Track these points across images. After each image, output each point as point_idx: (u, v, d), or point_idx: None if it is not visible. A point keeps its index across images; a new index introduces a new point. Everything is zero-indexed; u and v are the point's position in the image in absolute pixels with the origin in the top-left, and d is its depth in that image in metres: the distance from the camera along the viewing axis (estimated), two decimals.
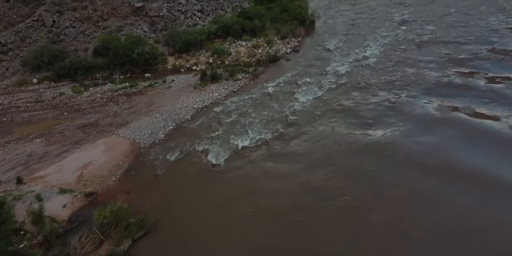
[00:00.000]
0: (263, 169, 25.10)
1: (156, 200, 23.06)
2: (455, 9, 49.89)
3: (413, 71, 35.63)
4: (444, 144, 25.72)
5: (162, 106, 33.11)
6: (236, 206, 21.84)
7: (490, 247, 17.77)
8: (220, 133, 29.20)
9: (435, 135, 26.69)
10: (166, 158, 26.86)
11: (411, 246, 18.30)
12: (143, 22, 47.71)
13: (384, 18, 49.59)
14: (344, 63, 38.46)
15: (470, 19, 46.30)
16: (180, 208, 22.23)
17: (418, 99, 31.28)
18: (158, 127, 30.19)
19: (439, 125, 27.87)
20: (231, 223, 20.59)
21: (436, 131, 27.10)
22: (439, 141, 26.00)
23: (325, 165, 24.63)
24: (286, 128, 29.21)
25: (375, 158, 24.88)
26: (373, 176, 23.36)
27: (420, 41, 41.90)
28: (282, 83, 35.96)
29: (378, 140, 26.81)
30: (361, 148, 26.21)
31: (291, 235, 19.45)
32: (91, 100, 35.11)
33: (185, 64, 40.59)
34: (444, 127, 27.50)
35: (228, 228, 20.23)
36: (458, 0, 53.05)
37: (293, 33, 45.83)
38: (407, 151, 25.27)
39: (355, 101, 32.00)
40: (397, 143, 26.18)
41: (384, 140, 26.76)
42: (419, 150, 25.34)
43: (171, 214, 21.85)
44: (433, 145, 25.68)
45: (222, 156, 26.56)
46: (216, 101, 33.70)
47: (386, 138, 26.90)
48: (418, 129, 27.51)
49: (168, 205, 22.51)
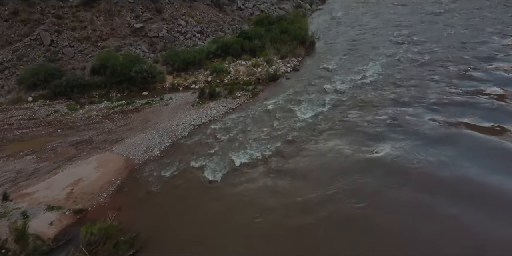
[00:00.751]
0: (261, 186, 23.97)
1: (148, 218, 21.82)
2: (457, 29, 49.75)
3: (416, 89, 34.97)
4: (450, 160, 24.67)
5: (158, 123, 32.24)
6: (233, 224, 20.63)
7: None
8: (218, 149, 28.20)
9: (441, 152, 25.65)
10: (160, 174, 25.75)
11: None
12: (142, 43, 47.58)
13: (385, 39, 49.44)
14: (345, 82, 37.87)
15: (473, 37, 46.03)
16: (173, 225, 20.98)
17: (423, 115, 30.43)
18: (153, 144, 29.21)
19: (444, 141, 26.88)
20: (227, 241, 19.31)
21: (442, 148, 26.09)
22: (445, 158, 24.95)
23: (325, 183, 23.51)
24: (285, 145, 28.22)
25: (378, 176, 23.79)
26: (375, 194, 22.20)
27: (422, 60, 41.45)
28: (282, 100, 35.25)
29: (381, 158, 25.75)
30: (363, 165, 25.12)
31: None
32: (86, 117, 34.27)
33: (184, 83, 40.02)
34: (450, 143, 26.51)
35: (224, 246, 18.94)
36: (460, 20, 53.10)
37: (293, 53, 45.55)
38: (412, 168, 24.18)
39: (357, 118, 31.15)
40: (401, 160, 25.12)
41: (387, 157, 25.70)
42: (424, 166, 24.27)
43: (164, 232, 20.57)
44: (439, 161, 24.64)
45: (219, 173, 25.47)
46: (214, 118, 32.86)
47: (390, 155, 25.85)
48: (423, 146, 26.50)
49: (161, 223, 21.25)
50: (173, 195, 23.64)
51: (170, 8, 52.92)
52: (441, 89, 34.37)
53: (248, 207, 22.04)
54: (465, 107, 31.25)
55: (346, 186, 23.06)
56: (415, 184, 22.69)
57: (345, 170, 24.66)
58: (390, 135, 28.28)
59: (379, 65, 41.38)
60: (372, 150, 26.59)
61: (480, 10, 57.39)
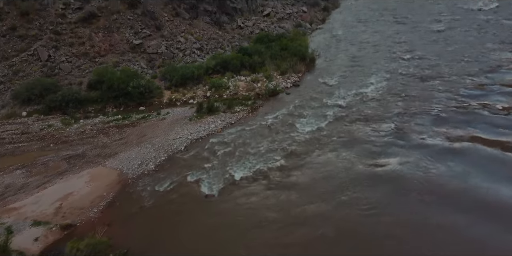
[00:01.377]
0: (261, 200, 22.78)
1: (140, 233, 20.57)
2: (458, 44, 49.21)
3: (420, 102, 34.04)
4: (457, 174, 23.56)
5: (154, 137, 31.21)
6: (229, 240, 19.36)
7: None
8: (215, 163, 27.08)
9: (447, 165, 24.54)
10: (154, 189, 24.56)
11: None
12: (141, 59, 47.06)
13: (385, 55, 48.89)
14: (346, 96, 37.00)
15: (475, 52, 45.39)
16: (166, 242, 19.70)
17: (427, 128, 29.41)
18: (148, 158, 28.10)
19: (450, 154, 25.78)
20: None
21: (448, 161, 24.99)
22: (452, 171, 23.84)
23: (328, 198, 22.36)
24: (286, 159, 27.13)
25: (382, 190, 22.66)
26: (380, 209, 21.02)
27: (424, 74, 40.70)
28: (282, 115, 34.30)
29: (385, 171, 24.63)
30: (366, 179, 23.98)
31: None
32: (80, 131, 33.28)
33: (182, 98, 39.20)
34: (456, 157, 25.40)
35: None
36: (461, 36, 52.66)
37: (293, 69, 44.89)
38: (417, 183, 23.03)
39: (360, 131, 30.12)
40: (406, 174, 23.98)
41: (391, 170, 24.59)
42: (430, 180, 23.11)
43: (155, 248, 19.29)
44: (446, 175, 23.52)
45: (216, 187, 24.31)
46: (212, 133, 31.84)
47: (394, 168, 24.74)
48: (429, 159, 25.39)
49: (153, 239, 19.97)
50: (167, 210, 22.41)
51: (170, 25, 52.69)
52: (445, 102, 33.45)
53: (246, 223, 20.82)
54: (470, 119, 30.23)
55: (349, 201, 21.91)
56: (423, 199, 21.52)
57: (349, 184, 23.51)
58: (395, 148, 27.20)
59: (381, 79, 40.61)
60: (376, 163, 25.49)
61: (481, 27, 57.07)
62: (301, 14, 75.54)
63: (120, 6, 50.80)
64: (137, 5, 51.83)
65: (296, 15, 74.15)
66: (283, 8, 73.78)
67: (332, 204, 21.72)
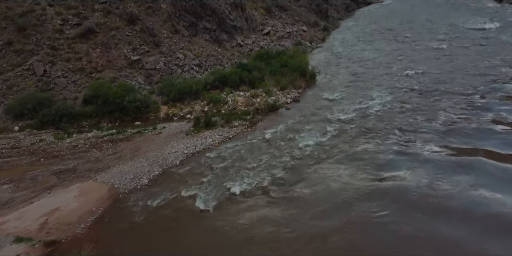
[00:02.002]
0: (259, 216, 21.43)
1: (130, 250, 19.18)
2: (460, 62, 48.41)
3: (424, 116, 32.98)
4: (465, 188, 22.31)
5: (149, 151, 30.03)
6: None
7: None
8: (212, 178, 25.82)
9: (454, 179, 23.28)
10: (146, 204, 23.23)
11: None
12: (138, 74, 46.34)
13: (387, 71, 48.14)
14: (348, 112, 35.95)
15: (478, 69, 44.57)
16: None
17: (432, 143, 28.22)
18: (141, 172, 26.84)
19: (458, 168, 24.55)
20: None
21: (455, 175, 23.75)
22: (460, 186, 22.58)
23: (330, 214, 21.06)
24: (285, 173, 25.90)
25: (387, 206, 21.38)
26: (386, 225, 19.71)
27: (427, 89, 39.77)
28: (282, 130, 33.21)
29: (389, 186, 23.37)
30: (370, 195, 22.69)
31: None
32: (72, 146, 32.13)
33: (179, 113, 38.20)
34: (463, 171, 24.16)
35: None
36: (463, 53, 52.01)
37: (293, 85, 44.06)
38: (425, 198, 21.75)
39: (363, 146, 28.95)
40: (412, 189, 22.70)
41: (396, 186, 23.33)
42: (438, 195, 21.84)
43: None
44: (454, 190, 22.26)
45: (212, 202, 23.00)
46: (209, 147, 30.68)
47: (399, 183, 23.48)
48: (435, 174, 24.14)
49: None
50: (159, 226, 21.05)
51: (169, 42, 52.26)
52: (449, 117, 32.39)
53: (242, 239, 19.47)
54: (476, 133, 29.12)
55: (351, 217, 20.58)
56: (430, 214, 20.21)
57: (351, 199, 22.25)
58: (399, 163, 25.98)
59: (383, 94, 39.68)
60: (381, 178, 24.25)
61: (483, 46, 56.58)
62: (301, 33, 75.50)
63: (119, 23, 50.47)
64: (136, 22, 51.52)
65: (296, 34, 74.07)
66: (283, 27, 73.76)
67: (334, 220, 20.38)
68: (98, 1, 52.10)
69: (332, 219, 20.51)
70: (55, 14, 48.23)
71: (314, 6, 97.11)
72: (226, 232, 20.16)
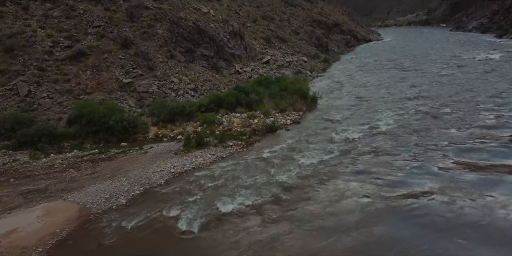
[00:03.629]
0: (251, 238, 17.95)
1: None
2: (466, 86, 45.89)
3: (435, 134, 30.24)
4: (492, 207, 18.96)
5: (131, 171, 26.77)
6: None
7: None
8: (199, 197, 22.45)
9: (475, 198, 19.97)
10: (120, 225, 19.74)
11: None
12: (130, 97, 43.80)
13: (392, 94, 45.63)
14: (353, 131, 33.12)
15: (483, 94, 41.94)
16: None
17: (448, 158, 25.23)
18: (120, 191, 23.47)
19: (480, 185, 21.31)
20: None
21: (477, 192, 20.46)
22: (481, 204, 19.27)
23: (336, 236, 17.55)
24: (284, 192, 22.62)
25: (403, 225, 18.09)
26: (406, 247, 16.22)
27: (434, 112, 37.07)
28: (281, 149, 30.16)
29: (404, 204, 20.04)
30: (381, 214, 19.33)
31: None
32: (48, 166, 28.91)
33: (169, 133, 35.19)
34: (486, 188, 20.89)
35: None
36: (468, 78, 49.66)
37: (293, 107, 41.34)
38: (444, 217, 18.40)
39: (371, 163, 25.82)
40: (430, 208, 19.36)
41: (412, 204, 19.98)
42: (458, 215, 18.48)
43: None
44: (474, 208, 18.92)
45: (198, 222, 19.51)
46: (199, 166, 27.44)
47: (416, 202, 20.14)
48: (454, 191, 20.86)
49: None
50: (131, 249, 17.54)
51: (164, 66, 50.20)
52: (463, 135, 29.54)
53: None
54: (495, 150, 26.11)
55: (361, 240, 17.08)
56: (452, 235, 16.77)
57: (360, 220, 18.86)
58: (413, 180, 22.72)
59: (390, 115, 37.02)
60: (392, 196, 20.95)
61: (489, 73, 54.48)
62: (301, 63, 73.98)
63: (112, 46, 48.64)
64: (130, 46, 49.72)
65: (296, 63, 72.52)
66: (282, 57, 72.33)
67: (342, 244, 16.86)
68: (91, 25, 50.53)
69: (340, 242, 17.00)
70: (46, 36, 46.42)
71: (314, 40, 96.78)
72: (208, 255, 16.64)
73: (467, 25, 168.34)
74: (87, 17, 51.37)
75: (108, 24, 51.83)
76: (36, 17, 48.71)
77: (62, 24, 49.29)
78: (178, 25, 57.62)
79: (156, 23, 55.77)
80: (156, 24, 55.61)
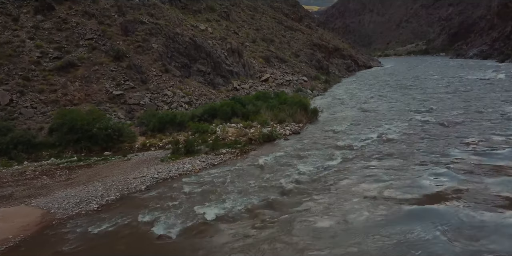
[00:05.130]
0: (240, 244, 14.82)
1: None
2: (472, 103, 43.37)
3: (447, 142, 27.43)
4: None
5: (109, 176, 23.84)
6: None
7: None
8: (183, 202, 19.47)
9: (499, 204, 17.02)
10: (87, 230, 16.66)
11: None
12: (119, 109, 41.31)
13: (397, 108, 43.02)
14: (358, 139, 30.28)
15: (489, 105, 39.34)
16: None
17: (464, 163, 22.28)
18: (92, 196, 20.46)
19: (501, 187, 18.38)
20: None
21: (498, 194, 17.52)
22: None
23: (341, 244, 14.49)
24: (282, 196, 19.66)
25: (420, 227, 14.95)
26: None
27: (444, 121, 34.39)
28: (279, 156, 27.26)
29: (423, 209, 17.00)
30: (400, 217, 16.27)
31: None
32: (19, 173, 26.01)
33: (158, 143, 32.42)
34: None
35: None
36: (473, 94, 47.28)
37: (292, 118, 38.67)
38: (465, 221, 15.39)
39: (380, 167, 22.92)
40: (452, 213, 16.33)
41: (429, 211, 16.92)
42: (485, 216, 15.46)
43: None
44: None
45: (177, 227, 16.47)
46: (187, 173, 24.50)
47: (431, 208, 17.09)
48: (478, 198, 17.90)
49: None
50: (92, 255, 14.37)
51: (157, 80, 48.01)
52: (476, 142, 26.77)
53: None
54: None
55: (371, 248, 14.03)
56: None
57: (375, 225, 15.74)
58: (433, 183, 19.75)
59: (397, 124, 34.38)
60: (407, 199, 17.96)
61: (496, 92, 52.07)
62: (302, 82, 71.94)
63: (104, 58, 46.63)
64: (123, 59, 47.74)
65: (296, 82, 70.46)
66: (282, 76, 70.41)
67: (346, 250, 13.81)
68: (83, 38, 48.76)
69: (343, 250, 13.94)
70: (35, 47, 44.48)
71: (315, 62, 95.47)
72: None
73: (467, 53, 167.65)
74: (80, 29, 49.69)
75: (101, 37, 50.09)
76: (26, 28, 46.95)
77: (53, 36, 47.49)
78: (174, 40, 55.96)
79: (151, 38, 54.09)
80: (151, 39, 53.92)
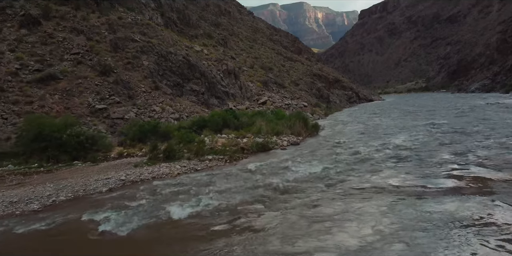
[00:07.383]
0: (204, 245, 10.64)
1: None
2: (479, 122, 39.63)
3: (458, 149, 23.57)
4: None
5: (67, 179, 19.78)
6: None
7: None
8: (148, 202, 15.34)
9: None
10: (11, 231, 12.48)
11: None
12: (101, 123, 37.54)
13: (401, 124, 39.31)
14: (364, 147, 26.42)
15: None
16: None
17: (481, 168, 18.34)
18: (36, 197, 16.35)
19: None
20: None
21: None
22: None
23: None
24: (273, 193, 15.55)
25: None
26: None
27: (455, 130, 30.64)
28: (274, 161, 23.23)
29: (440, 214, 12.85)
30: (413, 224, 12.15)
31: None
32: None
33: (137, 152, 28.41)
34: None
35: None
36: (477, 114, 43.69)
37: (291, 130, 34.84)
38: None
39: (389, 170, 18.87)
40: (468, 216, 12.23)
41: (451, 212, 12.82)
42: None
43: None
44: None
45: (131, 225, 12.28)
46: (162, 176, 20.38)
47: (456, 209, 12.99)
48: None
49: None
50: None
51: (146, 96, 44.75)
52: (488, 150, 22.88)
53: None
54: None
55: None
56: None
57: (386, 232, 11.63)
58: (449, 184, 15.77)
59: (407, 134, 30.68)
60: (419, 203, 13.91)
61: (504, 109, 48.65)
62: (301, 107, 68.62)
63: (89, 73, 43.57)
64: (110, 74, 44.72)
65: (296, 106, 67.14)
66: (281, 99, 67.23)
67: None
68: (69, 52, 45.97)
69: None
70: (14, 59, 41.49)
71: (315, 91, 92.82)
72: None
73: (469, 87, 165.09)
74: (66, 44, 47.05)
75: (88, 52, 47.37)
76: (8, 41, 44.22)
77: (36, 49, 44.66)
78: (166, 58, 53.30)
79: (142, 55, 51.47)
80: (142, 56, 51.29)
